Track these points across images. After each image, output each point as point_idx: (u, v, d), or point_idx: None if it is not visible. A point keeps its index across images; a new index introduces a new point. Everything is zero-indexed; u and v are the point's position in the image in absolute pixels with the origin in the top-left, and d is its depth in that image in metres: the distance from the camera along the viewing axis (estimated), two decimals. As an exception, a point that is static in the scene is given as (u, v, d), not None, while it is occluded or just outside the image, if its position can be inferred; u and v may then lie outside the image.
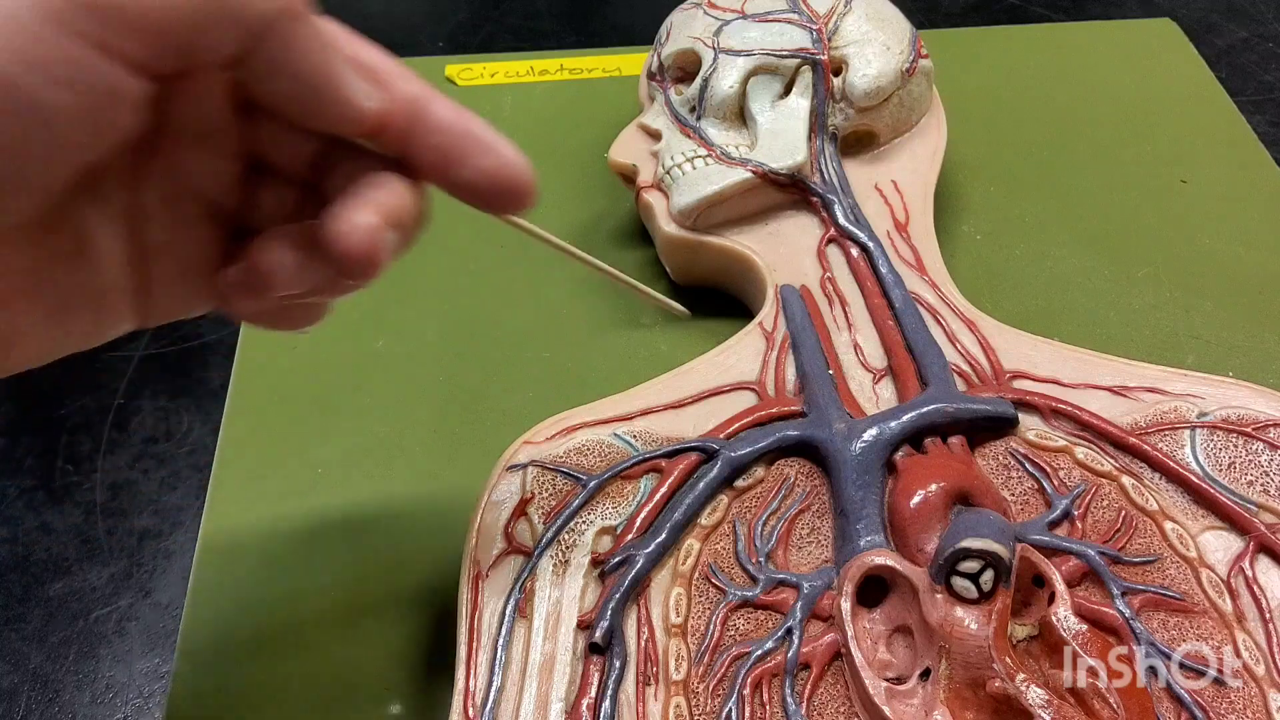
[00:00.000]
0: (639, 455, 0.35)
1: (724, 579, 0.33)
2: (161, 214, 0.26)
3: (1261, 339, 0.43)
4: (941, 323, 0.39)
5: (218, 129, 0.26)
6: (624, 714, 0.30)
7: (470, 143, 0.26)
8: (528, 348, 0.43)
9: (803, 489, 0.35)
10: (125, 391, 0.47)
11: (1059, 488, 0.34)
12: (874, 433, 0.35)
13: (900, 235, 0.42)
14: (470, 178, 0.26)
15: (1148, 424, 0.36)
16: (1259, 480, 0.34)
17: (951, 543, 0.30)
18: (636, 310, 0.45)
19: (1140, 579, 0.32)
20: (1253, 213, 0.49)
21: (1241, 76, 0.59)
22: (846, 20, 0.44)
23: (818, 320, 0.39)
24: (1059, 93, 0.55)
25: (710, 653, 0.31)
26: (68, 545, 0.41)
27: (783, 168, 0.42)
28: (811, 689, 0.31)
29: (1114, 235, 0.48)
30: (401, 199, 0.26)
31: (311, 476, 0.39)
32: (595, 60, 0.57)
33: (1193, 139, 0.52)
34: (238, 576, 0.37)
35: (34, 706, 0.36)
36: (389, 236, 0.25)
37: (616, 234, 0.48)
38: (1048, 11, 0.65)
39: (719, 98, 0.43)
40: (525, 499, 0.34)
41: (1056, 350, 0.38)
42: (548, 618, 0.31)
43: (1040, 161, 0.52)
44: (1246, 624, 0.31)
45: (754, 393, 0.37)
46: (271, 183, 0.27)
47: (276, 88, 0.24)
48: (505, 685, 0.30)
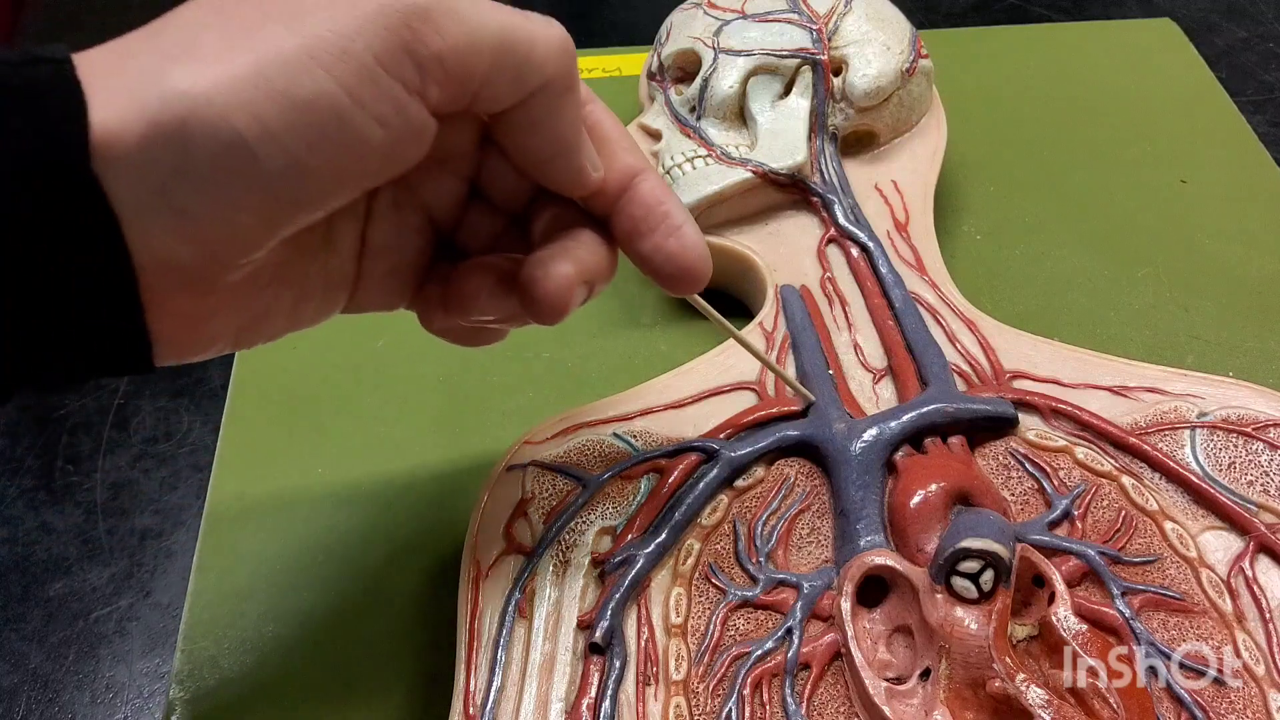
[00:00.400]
0: (639, 455, 0.35)
1: (724, 579, 0.33)
2: (388, 217, 0.28)
3: (1261, 339, 0.43)
4: (941, 323, 0.39)
5: (460, 156, 0.28)
6: (624, 714, 0.30)
7: (661, 221, 0.28)
8: (528, 348, 0.43)
9: (803, 489, 0.35)
10: (125, 391, 0.47)
11: (1059, 488, 0.34)
12: (874, 433, 0.35)
13: (900, 235, 0.42)
14: (650, 254, 0.28)
15: (1148, 424, 0.36)
16: (1259, 480, 0.34)
17: (951, 543, 0.30)
18: (636, 310, 0.45)
19: (1140, 579, 0.32)
20: (1252, 213, 0.49)
21: (1241, 76, 0.59)
22: (846, 20, 0.44)
23: (818, 320, 0.39)
24: (1059, 93, 0.55)
25: (710, 653, 0.31)
26: (68, 545, 0.41)
27: (783, 168, 0.42)
28: (811, 689, 0.31)
29: (1114, 235, 0.48)
30: (597, 257, 0.28)
31: (311, 476, 0.39)
32: (595, 60, 0.57)
33: (1193, 139, 0.52)
34: (238, 576, 0.37)
35: (34, 706, 0.36)
36: (580, 290, 0.27)
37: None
38: (1048, 11, 0.65)
39: (719, 98, 0.43)
40: (525, 499, 0.34)
41: (1056, 350, 0.38)
42: (548, 618, 0.31)
43: (1040, 161, 0.52)
44: (1246, 624, 0.31)
45: (754, 393, 0.37)
46: (485, 209, 0.30)
47: (525, 142, 0.26)
48: (505, 685, 0.30)
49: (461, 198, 0.29)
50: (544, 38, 0.25)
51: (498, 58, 0.24)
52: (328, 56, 0.21)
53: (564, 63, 0.25)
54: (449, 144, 0.27)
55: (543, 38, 0.25)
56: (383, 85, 0.22)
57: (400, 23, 0.22)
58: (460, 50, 0.23)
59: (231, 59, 0.21)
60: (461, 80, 0.23)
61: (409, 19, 0.22)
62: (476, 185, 0.29)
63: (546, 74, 0.25)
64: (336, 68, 0.22)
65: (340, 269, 0.28)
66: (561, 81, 0.25)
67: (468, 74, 0.23)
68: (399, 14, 0.22)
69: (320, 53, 0.21)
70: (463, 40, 0.23)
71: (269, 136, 0.21)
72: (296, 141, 0.22)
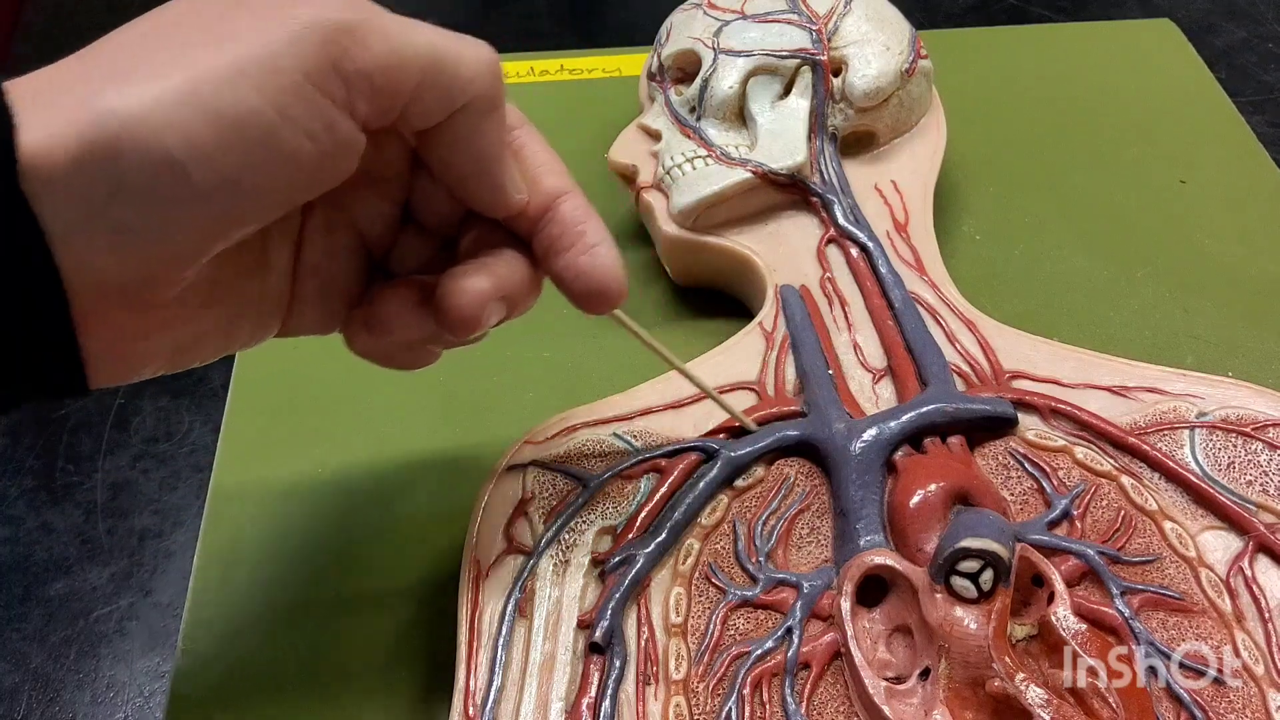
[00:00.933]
0: (639, 455, 0.35)
1: (724, 579, 0.33)
2: (322, 239, 0.29)
3: (1261, 339, 0.43)
4: (941, 323, 0.39)
5: (390, 177, 0.29)
6: (624, 713, 0.30)
7: (576, 240, 0.28)
8: (528, 348, 0.43)
9: (803, 489, 0.35)
10: (126, 391, 0.47)
11: (1058, 487, 0.34)
12: (874, 433, 0.35)
13: (900, 235, 0.42)
14: (562, 271, 0.28)
15: (1147, 424, 0.36)
16: (1258, 480, 0.34)
17: (951, 542, 0.30)
18: (636, 310, 0.45)
19: (1140, 579, 0.32)
20: (1252, 213, 0.49)
21: (1241, 77, 0.59)
22: (846, 21, 0.44)
23: (817, 320, 0.39)
24: (1059, 93, 0.55)
25: (710, 652, 0.31)
26: (68, 545, 0.41)
27: (783, 168, 0.42)
28: (811, 688, 0.31)
29: (1114, 235, 0.48)
30: (516, 275, 0.28)
31: (311, 476, 0.39)
32: (595, 60, 0.57)
33: (1192, 139, 0.52)
34: (238, 576, 0.37)
35: (35, 706, 0.36)
36: (495, 305, 0.28)
37: (616, 234, 0.47)
38: (1048, 12, 0.65)
39: (719, 98, 0.43)
40: (525, 499, 0.34)
41: (1056, 350, 0.38)
42: (548, 617, 0.31)
43: (1040, 161, 0.52)
44: (1246, 624, 0.31)
45: (754, 393, 0.37)
46: (416, 233, 0.30)
47: (449, 159, 0.27)
48: (505, 685, 0.30)
49: (394, 221, 0.30)
50: (472, 57, 0.25)
51: (425, 74, 0.24)
52: (257, 74, 0.22)
53: (490, 82, 0.26)
54: (380, 165, 0.28)
55: (471, 57, 0.25)
56: (312, 101, 0.23)
57: (328, 39, 0.23)
58: (387, 66, 0.23)
59: (163, 79, 0.22)
60: (389, 95, 0.24)
61: (337, 36, 0.23)
62: (409, 208, 0.30)
63: (472, 92, 0.25)
64: (266, 85, 0.22)
65: (275, 290, 0.28)
66: (486, 100, 0.26)
67: (395, 89, 0.24)
68: (327, 31, 0.23)
69: (250, 70, 0.22)
70: (390, 57, 0.24)
71: (201, 154, 0.22)
72: (228, 158, 0.22)
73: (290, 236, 0.28)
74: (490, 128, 0.26)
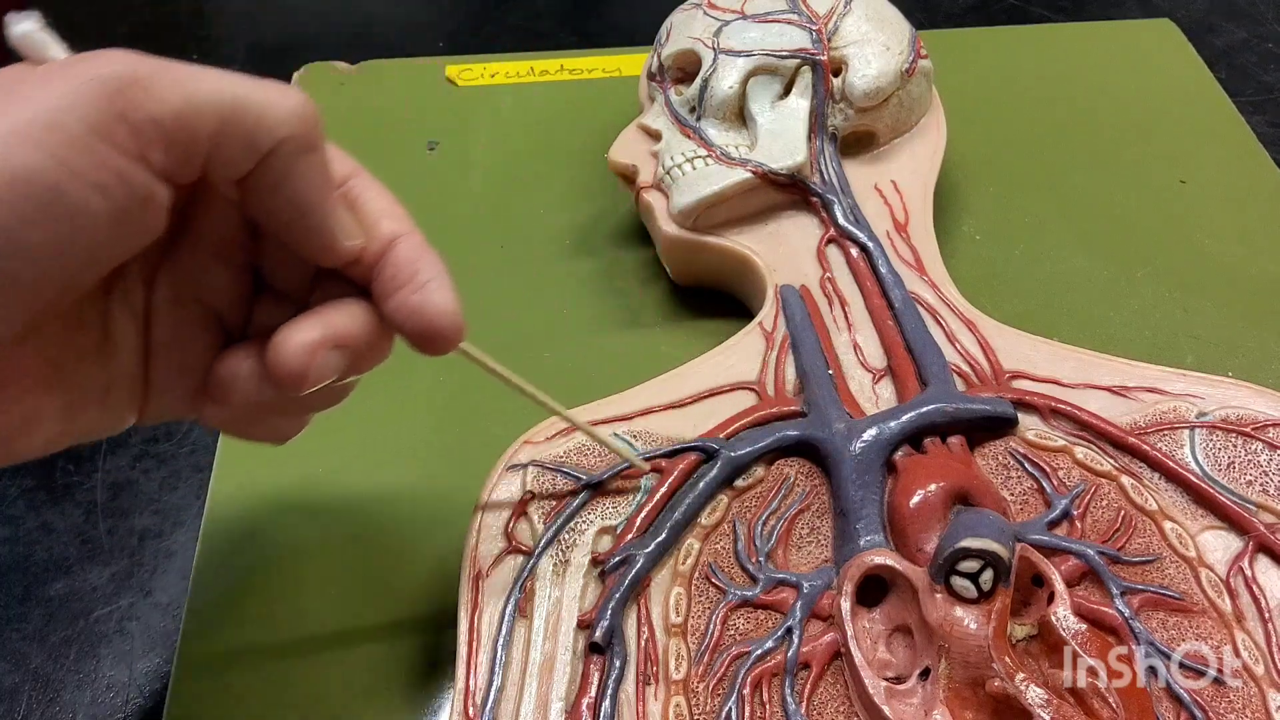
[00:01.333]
0: (639, 455, 0.35)
1: (724, 579, 0.33)
2: (169, 314, 0.27)
3: (1261, 339, 0.43)
4: (941, 323, 0.39)
5: (228, 241, 0.28)
6: (624, 713, 0.30)
7: (409, 279, 0.27)
8: (528, 348, 0.43)
9: (802, 489, 0.35)
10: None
11: (1058, 487, 0.34)
12: (874, 433, 0.35)
13: (900, 235, 0.42)
14: (393, 311, 0.27)
15: (1147, 424, 0.36)
16: (1258, 480, 0.34)
17: (951, 542, 0.30)
18: (636, 310, 0.45)
19: (1140, 579, 0.32)
20: (1252, 213, 0.49)
21: (1241, 77, 0.59)
22: (846, 21, 0.44)
23: (817, 320, 0.39)
24: (1059, 93, 0.55)
25: (710, 652, 0.31)
26: (68, 545, 0.41)
27: (783, 168, 0.42)
28: (811, 688, 0.31)
29: (1113, 235, 0.48)
30: (354, 324, 0.27)
31: (311, 476, 0.39)
32: (595, 60, 0.57)
33: (1192, 139, 0.52)
34: (238, 576, 0.37)
35: (35, 706, 0.36)
36: (329, 356, 0.26)
37: (616, 234, 0.48)
38: (1048, 12, 0.64)
39: (719, 98, 0.43)
40: (525, 499, 0.34)
41: (1056, 350, 0.38)
42: (548, 617, 0.31)
43: (1040, 161, 0.52)
44: (1246, 624, 0.31)
45: (754, 393, 0.37)
46: (271, 300, 0.29)
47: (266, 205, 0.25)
48: (505, 685, 0.30)
49: (245, 289, 0.29)
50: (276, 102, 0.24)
51: (224, 119, 0.23)
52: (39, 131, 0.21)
53: (301, 126, 0.25)
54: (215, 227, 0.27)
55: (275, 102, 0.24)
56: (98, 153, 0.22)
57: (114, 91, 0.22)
58: (180, 113, 0.23)
59: None
60: (186, 143, 0.23)
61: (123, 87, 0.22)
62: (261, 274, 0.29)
63: (279, 135, 0.24)
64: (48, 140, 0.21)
65: (125, 372, 0.27)
66: (298, 143, 0.25)
67: (191, 136, 0.23)
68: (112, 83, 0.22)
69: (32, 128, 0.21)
70: (183, 103, 0.23)
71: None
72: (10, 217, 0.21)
73: (134, 313, 0.27)
74: (307, 171, 0.25)
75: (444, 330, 0.27)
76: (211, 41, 0.62)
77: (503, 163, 0.52)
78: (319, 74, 0.56)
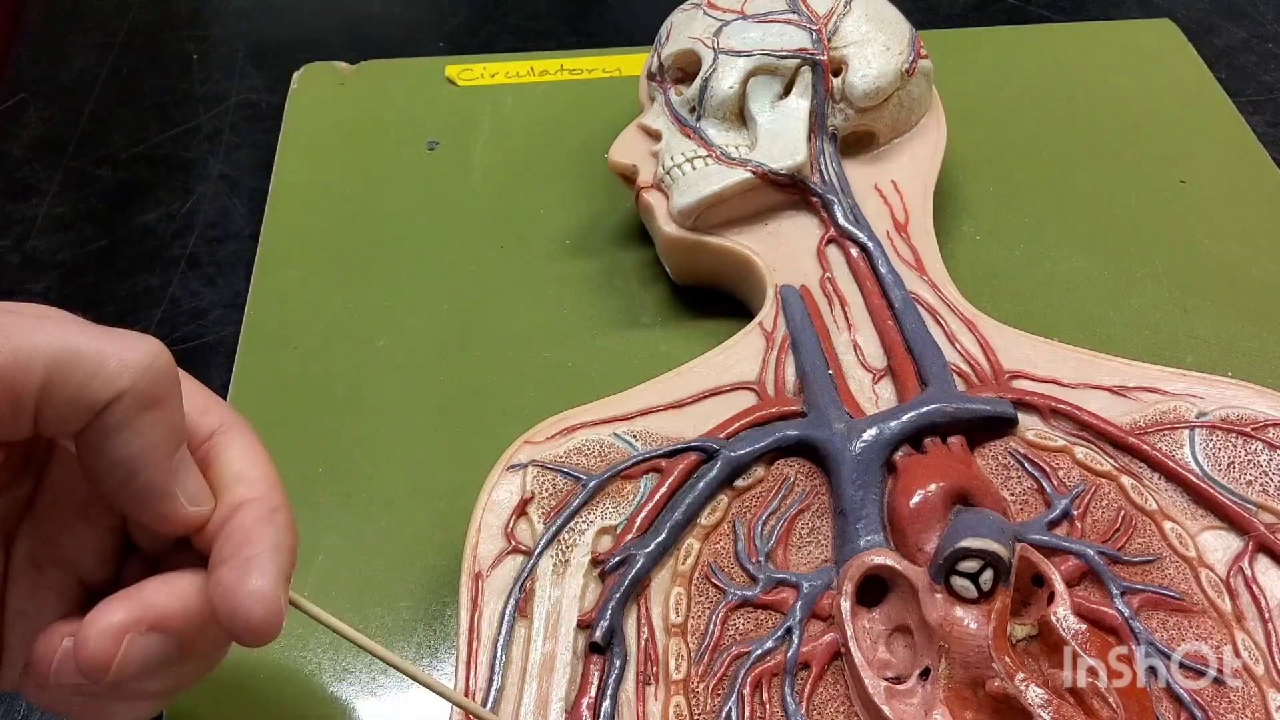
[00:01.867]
0: (639, 455, 0.35)
1: (724, 579, 0.33)
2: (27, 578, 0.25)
3: (1261, 339, 0.43)
4: (941, 323, 0.39)
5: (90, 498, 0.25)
6: (624, 713, 0.30)
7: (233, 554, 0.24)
8: (528, 348, 0.43)
9: (802, 489, 0.35)
10: (125, 391, 0.47)
11: (1058, 487, 0.34)
12: (874, 432, 0.35)
13: (900, 235, 0.42)
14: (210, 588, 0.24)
15: (1147, 424, 0.36)
16: (1258, 480, 0.34)
17: (951, 542, 0.30)
18: (636, 310, 0.45)
19: (1139, 579, 0.32)
20: (1252, 213, 0.49)
21: (1240, 77, 0.59)
22: (846, 21, 0.44)
23: (817, 320, 0.39)
24: (1059, 93, 0.55)
25: (710, 652, 0.31)
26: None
27: (783, 168, 0.42)
28: (811, 688, 0.31)
29: (1113, 235, 0.48)
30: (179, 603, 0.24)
31: (312, 476, 0.39)
32: (595, 60, 0.57)
33: (1192, 139, 0.52)
34: (238, 576, 0.36)
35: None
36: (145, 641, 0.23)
37: (616, 234, 0.48)
38: (1048, 12, 0.64)
39: (719, 98, 0.43)
40: (525, 499, 0.34)
41: (1056, 350, 0.38)
42: (548, 617, 0.31)
43: (1040, 161, 0.52)
44: (1246, 624, 0.31)
45: (754, 393, 0.37)
46: (140, 560, 0.27)
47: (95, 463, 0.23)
48: (505, 685, 0.30)
49: (112, 550, 0.26)
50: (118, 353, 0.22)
51: (52, 373, 0.22)
52: None
53: (145, 379, 0.23)
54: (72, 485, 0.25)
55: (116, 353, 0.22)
56: None
57: None
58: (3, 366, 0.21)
59: None
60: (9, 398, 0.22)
61: None
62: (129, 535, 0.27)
63: (116, 389, 0.22)
64: None
65: None
66: (139, 398, 0.23)
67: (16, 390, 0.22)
68: None
69: None
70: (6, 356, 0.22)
71: None
72: None
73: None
74: (147, 428, 0.23)
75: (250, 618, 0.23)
76: (211, 41, 0.62)
77: (503, 163, 0.52)
78: (319, 74, 0.56)
